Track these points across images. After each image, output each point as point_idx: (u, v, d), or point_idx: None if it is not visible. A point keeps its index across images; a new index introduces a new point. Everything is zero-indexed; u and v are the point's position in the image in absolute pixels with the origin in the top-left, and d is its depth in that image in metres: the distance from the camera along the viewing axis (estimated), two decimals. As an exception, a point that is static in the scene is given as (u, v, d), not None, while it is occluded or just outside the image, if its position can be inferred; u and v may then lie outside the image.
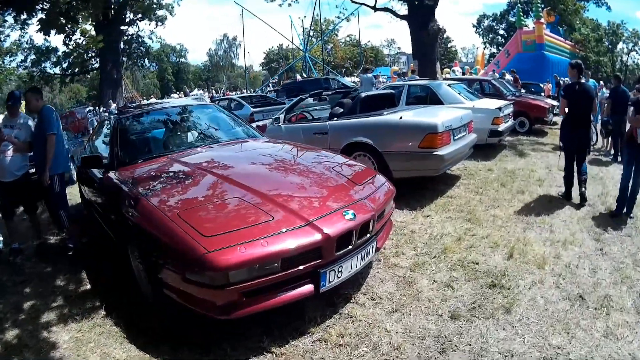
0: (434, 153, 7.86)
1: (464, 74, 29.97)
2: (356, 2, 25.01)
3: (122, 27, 42.08)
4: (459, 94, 12.74)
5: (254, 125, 8.88)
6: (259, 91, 41.41)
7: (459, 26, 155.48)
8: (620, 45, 64.16)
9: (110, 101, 32.70)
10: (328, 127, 9.09)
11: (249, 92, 43.35)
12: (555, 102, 16.72)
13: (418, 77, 18.58)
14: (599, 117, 14.61)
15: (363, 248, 4.39)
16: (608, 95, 13.56)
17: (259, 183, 4.73)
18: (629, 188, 7.41)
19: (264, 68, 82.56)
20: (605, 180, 9.64)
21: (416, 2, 21.94)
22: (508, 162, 11.48)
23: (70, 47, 32.52)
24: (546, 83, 25.49)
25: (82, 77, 48.45)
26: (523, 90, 21.72)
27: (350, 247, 4.16)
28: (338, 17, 43.52)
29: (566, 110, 7.99)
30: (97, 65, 42.20)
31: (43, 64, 41.10)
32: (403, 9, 24.87)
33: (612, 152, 12.79)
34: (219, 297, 3.69)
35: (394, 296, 4.89)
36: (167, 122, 7.31)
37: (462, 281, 5.19)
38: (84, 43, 31.63)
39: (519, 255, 5.84)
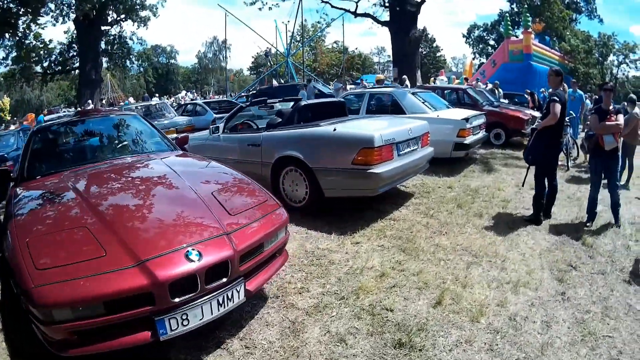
0: (369, 171, 7.00)
1: (449, 83, 28.65)
2: (336, 7, 24.39)
3: (104, 28, 41.59)
4: (423, 102, 11.82)
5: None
6: (239, 95, 40.53)
7: (451, 36, 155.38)
8: (610, 57, 64.00)
9: (89, 101, 31.81)
10: (261, 138, 8.38)
11: (228, 96, 42.55)
12: (536, 113, 15.60)
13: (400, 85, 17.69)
14: (579, 131, 14.02)
15: (221, 293, 3.83)
16: (592, 107, 12.45)
17: (118, 210, 4.41)
18: (606, 200, 7.54)
19: (252, 72, 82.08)
20: (582, 201, 8.58)
21: (398, 9, 21.61)
22: (473, 179, 10.52)
23: (23, 51, 31.45)
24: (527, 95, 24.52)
25: (64, 76, 46.83)
26: (506, 101, 20.93)
27: (196, 292, 3.64)
28: (319, 23, 43.02)
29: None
30: (77, 64, 41.57)
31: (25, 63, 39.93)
32: (386, 15, 24.08)
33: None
34: (53, 332, 3.44)
35: (272, 347, 4.12)
36: (77, 136, 7.12)
37: (362, 334, 4.27)
38: (32, 45, 30.55)
39: (451, 302, 4.83)
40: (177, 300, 3.54)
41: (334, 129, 7.42)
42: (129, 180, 5.39)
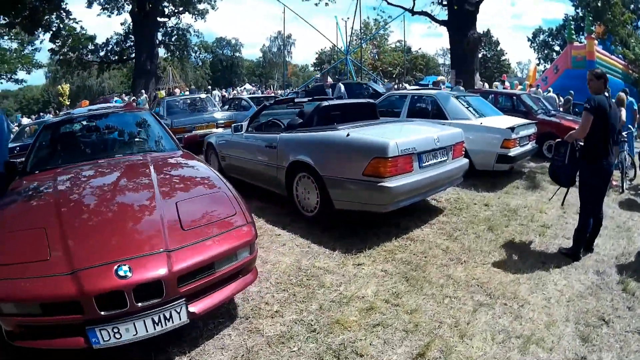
0: (381, 184, 6.18)
1: (512, 88, 27.44)
2: (392, 5, 23.52)
3: (162, 20, 42.91)
4: (467, 108, 10.85)
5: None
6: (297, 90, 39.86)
7: (517, 40, 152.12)
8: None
9: (143, 91, 32.98)
10: (278, 140, 7.82)
11: (284, 91, 42.01)
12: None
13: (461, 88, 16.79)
14: (635, 145, 12.38)
15: (157, 312, 3.66)
16: None
17: (79, 214, 4.42)
18: None
19: (316, 68, 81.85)
20: (633, 232, 7.44)
21: (456, 7, 20.61)
22: (515, 197, 9.36)
23: (58, 44, 33.42)
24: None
25: (121, 65, 49.07)
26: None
27: (125, 308, 3.55)
28: (376, 20, 42.16)
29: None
30: (133, 55, 42.86)
31: (81, 50, 41.67)
32: (444, 14, 23.23)
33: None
34: (4, 323, 3.64)
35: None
36: (81, 132, 7.31)
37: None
38: (70, 41, 32.30)
39: (438, 355, 4.00)
40: (104, 313, 3.50)
41: (347, 134, 6.69)
42: (105, 183, 5.40)
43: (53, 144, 6.78)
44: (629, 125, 11.94)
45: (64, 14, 26.62)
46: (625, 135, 10.57)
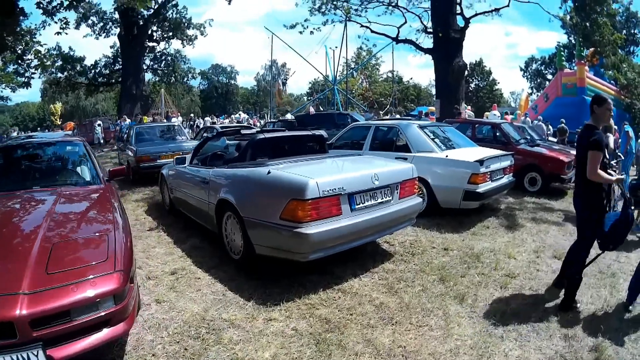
0: (297, 230, 5.42)
1: (502, 118, 26.94)
2: (376, 33, 23.07)
3: (150, 44, 42.88)
4: (434, 139, 9.90)
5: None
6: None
7: (511, 70, 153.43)
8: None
9: (125, 116, 33.14)
10: (210, 175, 7.41)
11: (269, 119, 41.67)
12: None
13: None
14: (629, 178, 11.58)
15: (14, 352, 3.51)
16: None
17: None
18: None
19: (309, 98, 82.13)
20: (618, 279, 6.53)
21: (441, 35, 20.30)
22: (482, 238, 8.34)
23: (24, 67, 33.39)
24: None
25: (109, 88, 48.53)
26: (554, 139, 19.22)
27: None
28: (360, 49, 41.97)
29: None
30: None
31: (69, 72, 41.77)
32: (430, 42, 22.91)
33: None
34: None
35: None
36: (13, 159, 7.23)
37: None
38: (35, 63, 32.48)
39: None
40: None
41: (268, 172, 5.95)
42: (3, 218, 5.25)
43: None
44: (619, 153, 11.11)
45: (28, 36, 27.14)
46: (615, 164, 9.65)
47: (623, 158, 12.22)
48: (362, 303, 5.48)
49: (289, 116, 32.74)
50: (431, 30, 22.10)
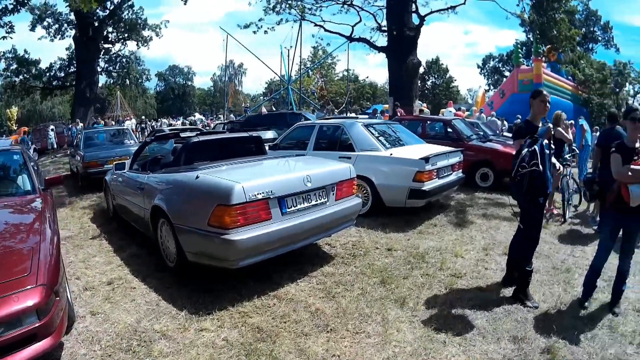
0: (224, 237, 5.20)
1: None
2: (330, 32, 22.98)
3: (105, 46, 42.45)
4: (378, 137, 9.72)
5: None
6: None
7: (469, 68, 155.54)
8: (627, 87, 61.46)
9: (78, 120, 32.77)
10: (145, 181, 7.16)
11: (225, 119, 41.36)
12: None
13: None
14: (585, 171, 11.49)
15: None
16: (597, 140, 10.08)
17: None
18: (616, 271, 5.47)
19: (264, 98, 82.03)
20: (573, 274, 6.44)
21: (395, 33, 20.11)
22: (429, 237, 8.16)
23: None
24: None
25: (64, 91, 48.71)
26: (509, 134, 19.01)
27: None
28: (314, 48, 42.03)
29: None
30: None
31: (24, 75, 41.59)
32: (384, 40, 22.79)
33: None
34: None
35: None
36: None
37: None
38: None
39: None
40: None
41: (197, 176, 5.73)
42: None
43: None
44: (575, 147, 11.14)
45: None
46: (570, 159, 9.65)
47: (578, 152, 12.24)
48: (297, 310, 5.27)
49: (232, 117, 32.50)
50: (386, 28, 22.02)
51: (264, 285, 5.88)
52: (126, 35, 42.09)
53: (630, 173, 4.93)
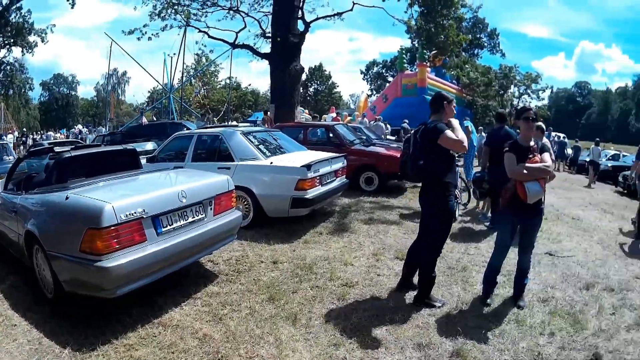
0: (97, 264, 4.69)
1: (341, 120, 27.42)
2: (213, 38, 22.62)
3: None
4: (258, 146, 9.54)
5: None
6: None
7: (354, 74, 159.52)
8: (511, 89, 64.74)
9: None
10: (18, 203, 6.35)
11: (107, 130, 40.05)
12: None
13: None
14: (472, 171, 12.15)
15: None
16: (485, 140, 10.35)
17: None
18: (517, 267, 5.69)
19: (147, 107, 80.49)
20: (470, 271, 6.59)
21: (279, 39, 19.94)
22: (316, 246, 8.01)
23: None
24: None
25: None
26: (392, 137, 19.85)
27: None
28: (197, 55, 41.45)
29: None
30: None
31: None
32: (268, 47, 22.81)
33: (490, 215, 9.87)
34: None
35: None
36: None
37: None
38: None
39: None
40: None
41: (67, 197, 5.16)
42: None
43: None
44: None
45: None
46: (456, 158, 9.92)
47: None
48: (184, 337, 4.90)
49: (103, 130, 31.61)
50: (270, 35, 21.90)
51: (147, 312, 5.44)
52: (12, 40, 39.88)
53: (525, 171, 5.07)
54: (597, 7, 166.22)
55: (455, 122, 5.41)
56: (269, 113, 20.64)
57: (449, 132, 5.15)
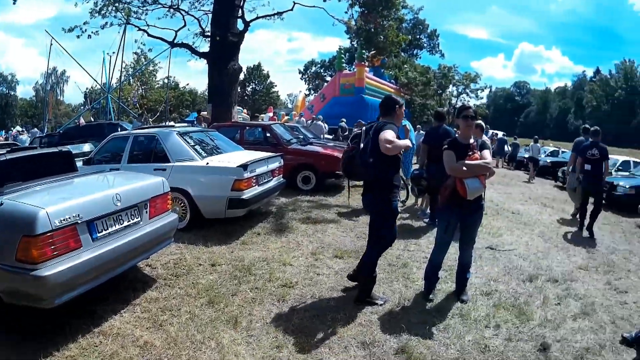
0: (34, 273, 4.48)
1: (279, 119, 27.44)
2: (152, 36, 22.28)
3: None
4: (194, 146, 9.47)
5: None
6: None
7: (291, 73, 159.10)
8: (450, 88, 65.87)
9: None
10: None
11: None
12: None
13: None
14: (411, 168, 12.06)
15: None
16: (424, 138, 10.54)
17: None
18: (458, 263, 5.88)
19: (85, 107, 78.64)
20: (411, 268, 6.67)
21: (218, 38, 19.71)
22: (253, 247, 8.00)
23: None
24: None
25: None
26: (330, 136, 20.05)
27: None
28: (135, 54, 40.66)
29: None
30: None
31: None
32: (207, 46, 22.61)
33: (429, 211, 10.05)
34: None
35: None
36: None
37: None
38: None
39: None
40: None
41: (1, 203, 4.89)
42: None
43: None
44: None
45: None
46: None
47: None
48: (125, 345, 4.78)
49: (38, 132, 30.78)
50: (209, 34, 21.70)
51: (87, 321, 5.28)
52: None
53: (465, 168, 5.19)
54: (538, 11, 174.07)
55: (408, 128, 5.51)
56: (203, 113, 20.68)
57: (387, 132, 5.16)
